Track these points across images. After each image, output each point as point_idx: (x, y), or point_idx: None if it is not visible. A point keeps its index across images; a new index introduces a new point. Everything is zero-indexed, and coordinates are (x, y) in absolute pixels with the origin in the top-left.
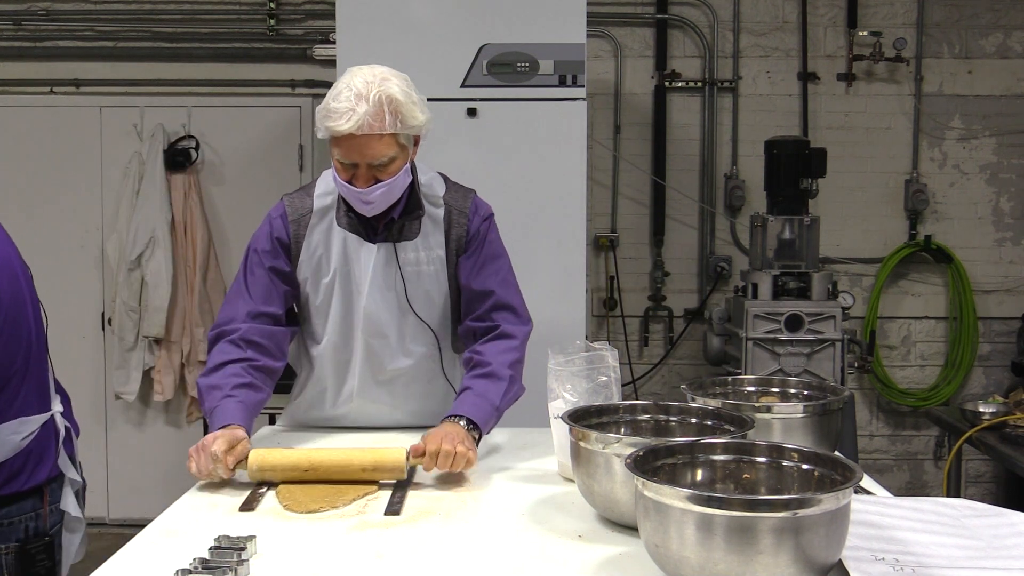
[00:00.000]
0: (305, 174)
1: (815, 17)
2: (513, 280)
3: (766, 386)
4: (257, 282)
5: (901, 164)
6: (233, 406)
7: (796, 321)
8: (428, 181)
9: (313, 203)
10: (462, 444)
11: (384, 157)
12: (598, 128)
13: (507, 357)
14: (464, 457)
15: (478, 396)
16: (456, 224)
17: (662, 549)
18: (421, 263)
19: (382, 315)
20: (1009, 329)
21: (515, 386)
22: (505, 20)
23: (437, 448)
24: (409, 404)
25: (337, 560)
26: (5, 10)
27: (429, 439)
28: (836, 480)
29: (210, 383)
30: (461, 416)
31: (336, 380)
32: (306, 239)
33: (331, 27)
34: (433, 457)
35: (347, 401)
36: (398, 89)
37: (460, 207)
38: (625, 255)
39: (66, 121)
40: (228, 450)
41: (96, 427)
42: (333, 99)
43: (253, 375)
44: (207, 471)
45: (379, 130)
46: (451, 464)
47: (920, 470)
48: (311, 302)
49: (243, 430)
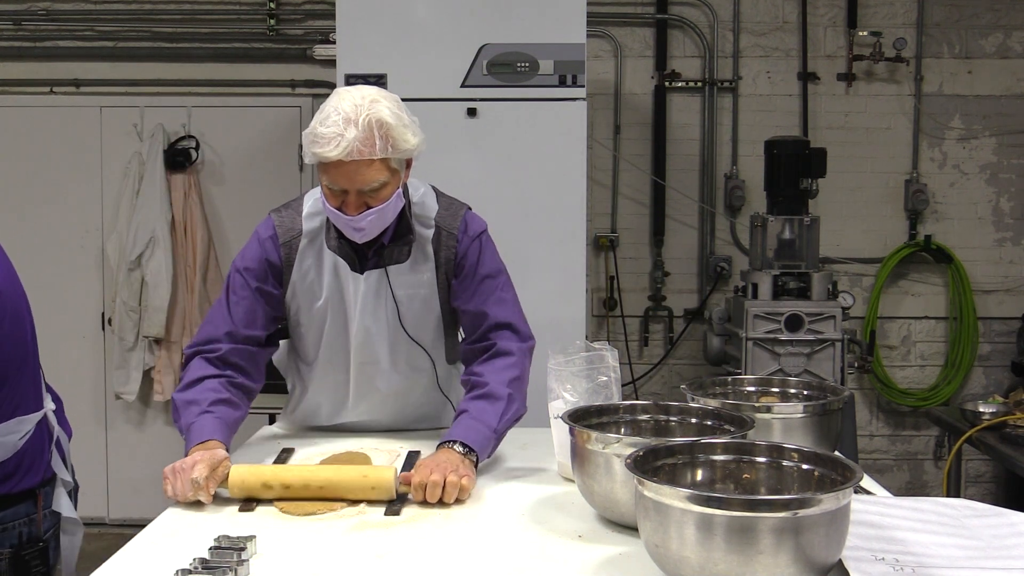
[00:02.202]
0: (305, 174)
1: (815, 17)
2: (509, 296)
3: (766, 386)
4: (241, 303)
5: (901, 164)
6: (211, 422)
7: (796, 321)
8: (420, 199)
9: (303, 225)
10: (454, 473)
11: (375, 183)
12: (598, 128)
13: (504, 375)
14: (455, 487)
15: (473, 419)
16: (445, 246)
17: (662, 549)
18: (412, 286)
19: (374, 340)
20: (1009, 329)
21: (515, 405)
22: (505, 20)
23: (425, 479)
24: (405, 413)
25: (337, 560)
26: (5, 10)
27: (420, 468)
28: (836, 480)
29: (186, 398)
30: (455, 441)
31: (330, 398)
32: (297, 262)
33: (331, 27)
34: (420, 489)
35: (342, 415)
36: (388, 112)
37: (449, 228)
38: (625, 255)
39: (66, 121)
40: (210, 475)
41: (96, 427)
42: (320, 123)
43: (231, 392)
44: (184, 497)
45: (369, 155)
46: (439, 495)
47: (920, 470)
48: (302, 325)
49: (223, 448)
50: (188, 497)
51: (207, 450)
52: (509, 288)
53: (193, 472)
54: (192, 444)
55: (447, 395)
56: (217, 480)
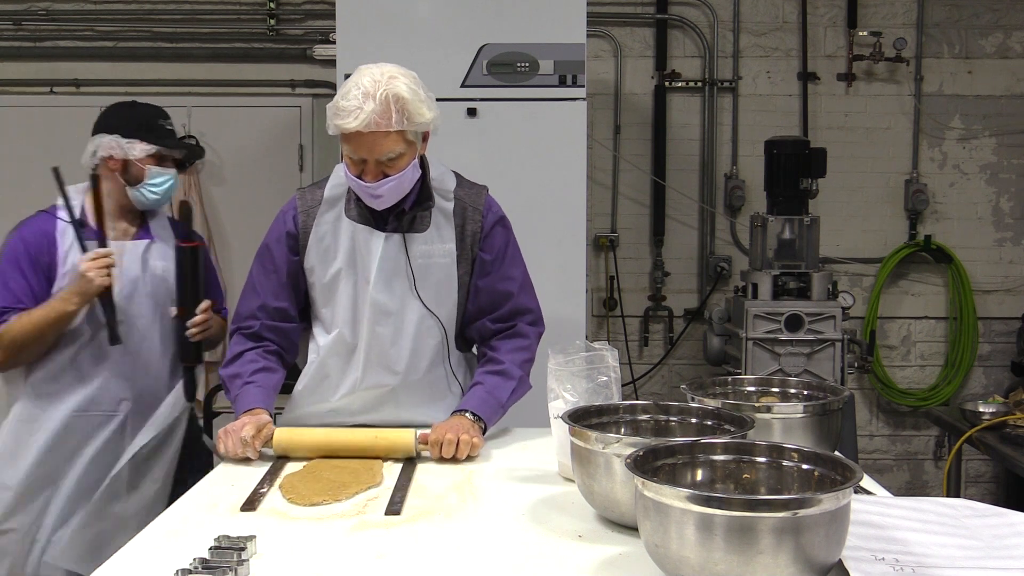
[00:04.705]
0: (305, 174)
1: (815, 17)
2: (531, 283)
3: (766, 386)
4: (269, 276)
5: (901, 164)
6: (254, 391)
7: (796, 321)
8: (439, 176)
9: (324, 194)
10: (466, 433)
11: (392, 153)
12: (598, 128)
13: (519, 356)
14: (468, 444)
15: (487, 393)
16: (470, 220)
17: (662, 549)
18: (431, 256)
19: (389, 304)
20: (1009, 329)
21: (524, 386)
22: (505, 20)
23: (442, 437)
24: (412, 398)
25: (337, 560)
26: (5, 10)
27: (436, 428)
28: (836, 480)
29: (230, 372)
30: (467, 410)
31: (340, 370)
32: (314, 228)
33: (331, 27)
34: (437, 445)
35: (350, 392)
36: (405, 87)
37: (474, 203)
38: (625, 255)
39: (66, 121)
40: (256, 434)
41: None
42: (342, 97)
43: (268, 359)
44: (235, 453)
45: (386, 127)
46: (455, 451)
47: (920, 470)
48: (319, 289)
49: (267, 413)
50: (239, 453)
51: (253, 416)
52: (529, 275)
53: (242, 432)
54: (240, 411)
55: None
56: (263, 439)
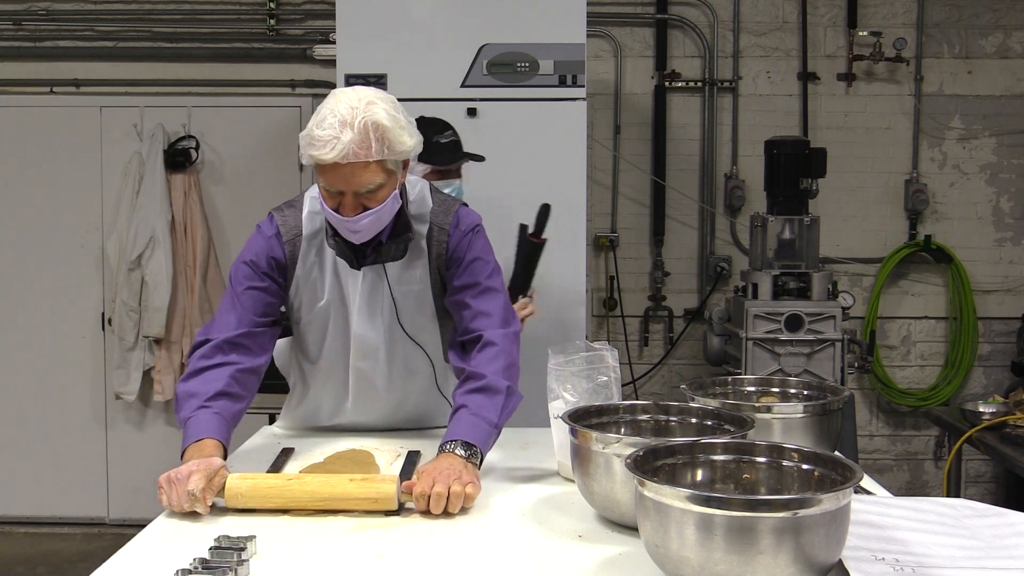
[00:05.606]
0: (305, 174)
1: (815, 17)
2: (493, 284)
3: (766, 386)
4: (247, 292)
5: (901, 164)
6: (208, 418)
7: (796, 321)
8: (417, 197)
9: (304, 224)
10: (458, 481)
11: (371, 184)
12: (598, 128)
13: (497, 364)
14: (459, 496)
15: (473, 415)
16: (436, 242)
17: (662, 549)
18: (408, 283)
19: (372, 339)
20: (1009, 329)
21: (513, 397)
22: (505, 20)
23: (427, 491)
24: (404, 411)
25: (337, 560)
26: (5, 10)
27: (423, 476)
28: (836, 480)
29: (188, 389)
30: (457, 442)
31: (331, 399)
32: (300, 260)
33: (331, 27)
34: (423, 499)
35: (341, 415)
36: (384, 114)
37: (441, 223)
38: (625, 255)
39: (66, 121)
40: (206, 486)
41: (96, 427)
42: (317, 126)
43: (234, 382)
44: (180, 508)
45: (365, 158)
46: (444, 507)
47: (920, 470)
48: (304, 323)
49: (220, 448)
50: (184, 508)
51: (203, 455)
52: (495, 278)
53: (189, 484)
54: (188, 441)
55: (445, 395)
56: (214, 491)
